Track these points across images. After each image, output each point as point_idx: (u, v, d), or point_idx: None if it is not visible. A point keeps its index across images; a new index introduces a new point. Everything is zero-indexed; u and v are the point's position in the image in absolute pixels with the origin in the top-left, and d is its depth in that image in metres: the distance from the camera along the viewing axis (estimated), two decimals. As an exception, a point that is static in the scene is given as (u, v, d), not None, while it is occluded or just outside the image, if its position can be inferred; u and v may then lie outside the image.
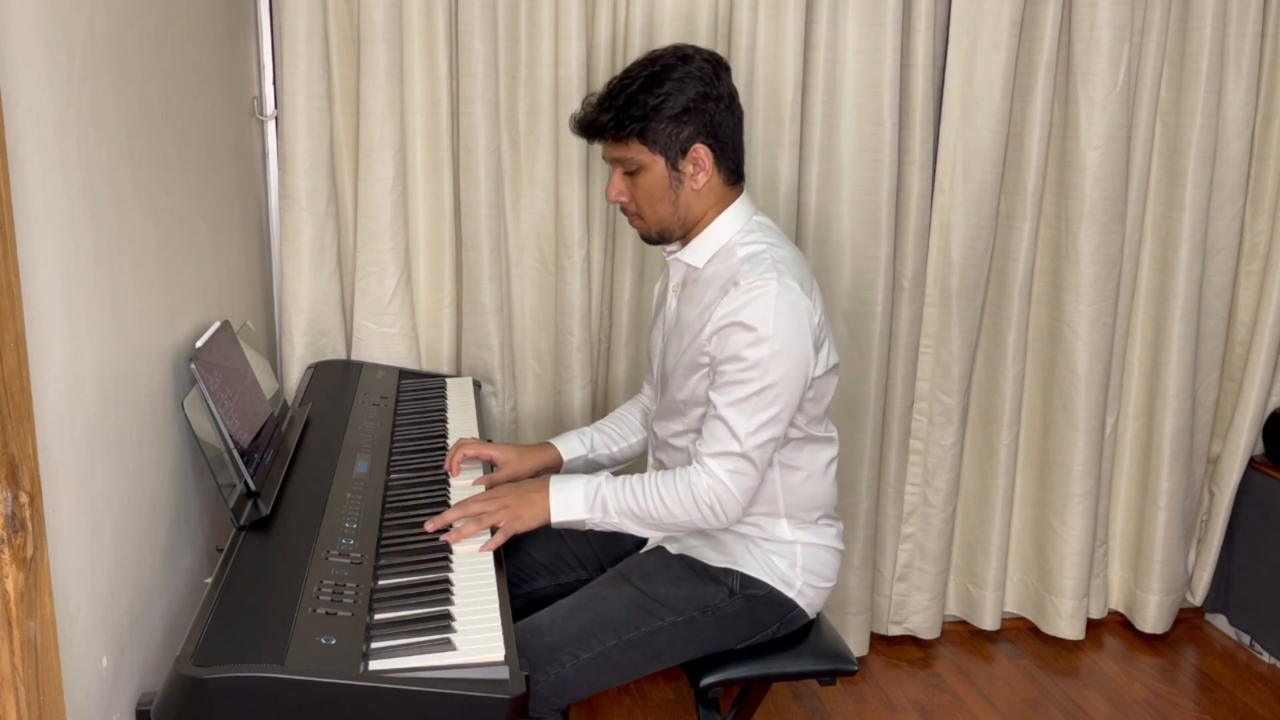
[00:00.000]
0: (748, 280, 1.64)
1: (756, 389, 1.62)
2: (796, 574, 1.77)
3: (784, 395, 1.64)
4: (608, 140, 1.73)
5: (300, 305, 2.27)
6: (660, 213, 1.74)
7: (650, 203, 1.73)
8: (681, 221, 1.74)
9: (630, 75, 1.70)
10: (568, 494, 1.69)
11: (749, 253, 1.69)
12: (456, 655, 1.26)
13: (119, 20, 1.40)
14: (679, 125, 1.67)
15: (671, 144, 1.68)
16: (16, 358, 1.00)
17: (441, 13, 2.21)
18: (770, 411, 1.64)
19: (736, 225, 1.73)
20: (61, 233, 1.18)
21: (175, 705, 1.17)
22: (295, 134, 2.20)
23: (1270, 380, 2.71)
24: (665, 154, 1.69)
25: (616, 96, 1.69)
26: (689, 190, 1.71)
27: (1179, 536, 2.76)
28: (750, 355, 1.62)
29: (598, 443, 1.97)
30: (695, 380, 1.72)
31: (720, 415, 1.65)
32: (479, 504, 1.64)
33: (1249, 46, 2.53)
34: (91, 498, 1.27)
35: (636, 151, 1.70)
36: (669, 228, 1.75)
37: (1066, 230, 2.55)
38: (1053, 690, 2.60)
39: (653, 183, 1.71)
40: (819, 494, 1.80)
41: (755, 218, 1.76)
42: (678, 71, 1.67)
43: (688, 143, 1.69)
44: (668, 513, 1.67)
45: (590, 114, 1.73)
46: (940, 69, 2.48)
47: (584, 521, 1.70)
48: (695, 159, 1.69)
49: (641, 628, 1.69)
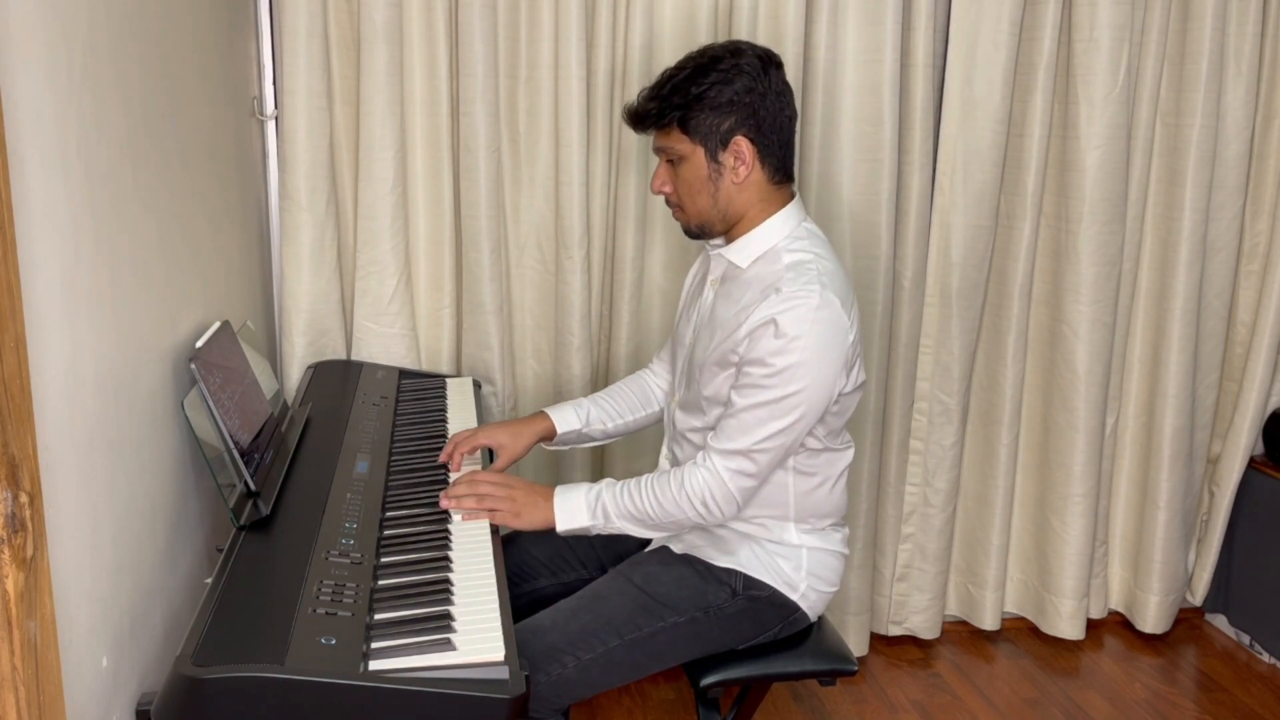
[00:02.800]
0: (790, 288, 1.62)
1: (776, 396, 1.62)
2: (801, 577, 1.77)
3: (802, 407, 1.63)
4: (651, 129, 1.73)
5: (300, 305, 2.27)
6: (700, 204, 1.73)
7: (690, 194, 1.73)
8: (722, 215, 1.73)
9: (680, 65, 1.71)
10: (571, 504, 1.72)
11: (795, 260, 1.67)
12: (456, 655, 1.26)
13: (119, 20, 1.40)
14: (721, 115, 1.66)
15: (712, 134, 1.67)
16: (16, 358, 1.00)
17: (441, 13, 2.21)
18: (786, 420, 1.63)
19: (785, 230, 1.72)
20: (61, 233, 1.18)
21: (175, 705, 1.17)
22: (295, 134, 2.20)
23: (1270, 380, 2.71)
24: (705, 144, 1.68)
25: (663, 85, 1.70)
26: (729, 183, 1.70)
27: (1179, 536, 2.76)
28: (776, 362, 1.61)
29: (593, 416, 1.98)
30: (722, 378, 1.71)
31: (737, 414, 1.64)
32: (489, 485, 1.68)
33: (1249, 46, 2.53)
34: (91, 498, 1.27)
35: (678, 140, 1.69)
36: (709, 221, 1.74)
37: (1066, 230, 2.55)
38: (1053, 690, 2.60)
39: (692, 173, 1.70)
40: (830, 501, 1.80)
41: (805, 224, 1.75)
42: (725, 63, 1.67)
43: (729, 134, 1.67)
44: (663, 511, 1.68)
45: (638, 102, 1.73)
46: (940, 69, 2.48)
47: (589, 529, 1.72)
48: (736, 151, 1.68)
49: (643, 628, 1.69)
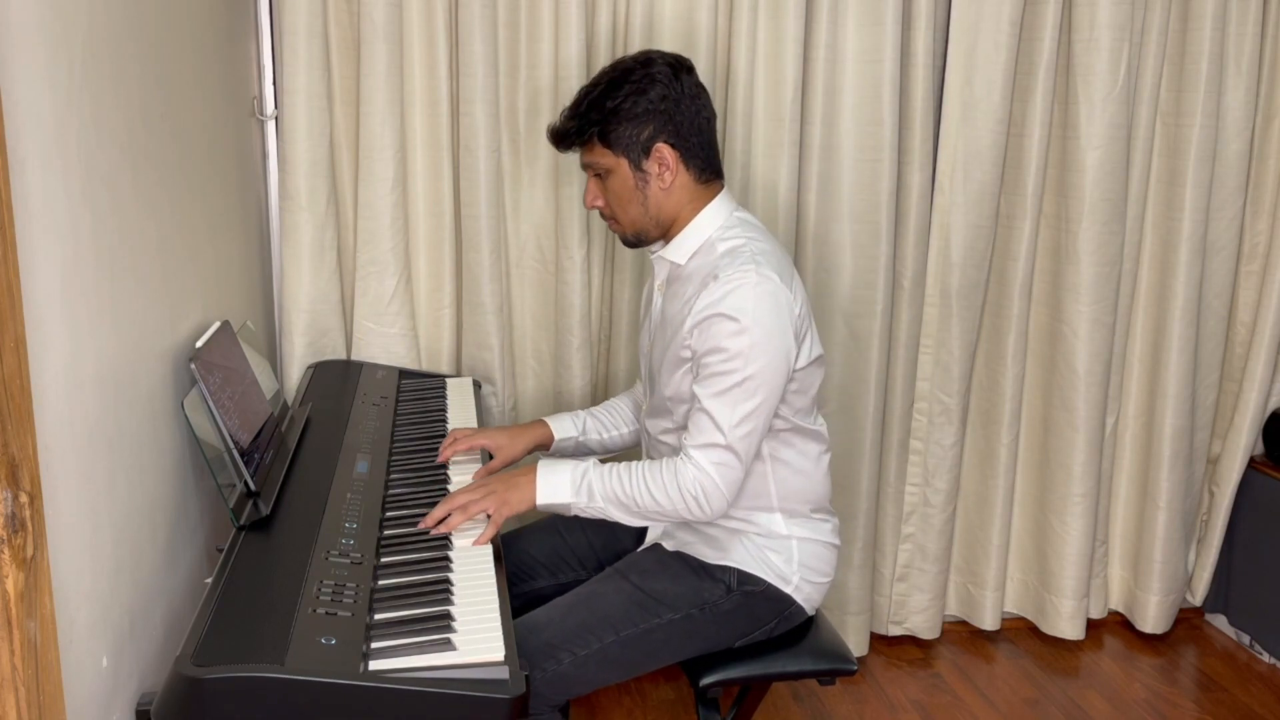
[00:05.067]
0: (726, 273, 1.65)
1: (739, 379, 1.63)
2: (793, 569, 1.78)
3: (765, 386, 1.65)
4: (575, 146, 1.77)
5: (300, 305, 2.27)
6: (632, 214, 1.77)
7: (621, 205, 1.77)
8: (655, 221, 1.77)
9: (594, 83, 1.76)
10: (554, 477, 1.69)
11: (729, 247, 1.71)
12: (456, 655, 1.26)
13: (119, 20, 1.40)
14: (639, 125, 1.71)
15: (633, 145, 1.72)
16: (16, 358, 1.00)
17: (441, 12, 2.21)
18: (753, 402, 1.64)
19: (717, 221, 1.75)
20: (61, 233, 1.18)
21: (175, 705, 1.17)
22: (295, 134, 2.20)
23: (1270, 380, 2.71)
24: (628, 155, 1.72)
25: (580, 103, 1.75)
26: (656, 190, 1.74)
27: (1179, 536, 2.76)
28: (731, 346, 1.63)
29: (590, 427, 1.99)
30: (679, 376, 1.73)
31: (704, 408, 1.65)
32: (465, 495, 1.65)
33: (1249, 46, 2.53)
34: (91, 498, 1.27)
35: (601, 155, 1.74)
36: (643, 229, 1.78)
37: (1066, 230, 2.55)
38: (1053, 690, 2.60)
39: (620, 184, 1.75)
40: (811, 487, 1.81)
41: (736, 213, 1.78)
42: (637, 74, 1.71)
43: (649, 143, 1.72)
44: (653, 501, 1.67)
45: (559, 123, 1.78)
46: (940, 69, 2.48)
47: (569, 506, 1.69)
48: (659, 158, 1.72)
49: (639, 624, 1.70)
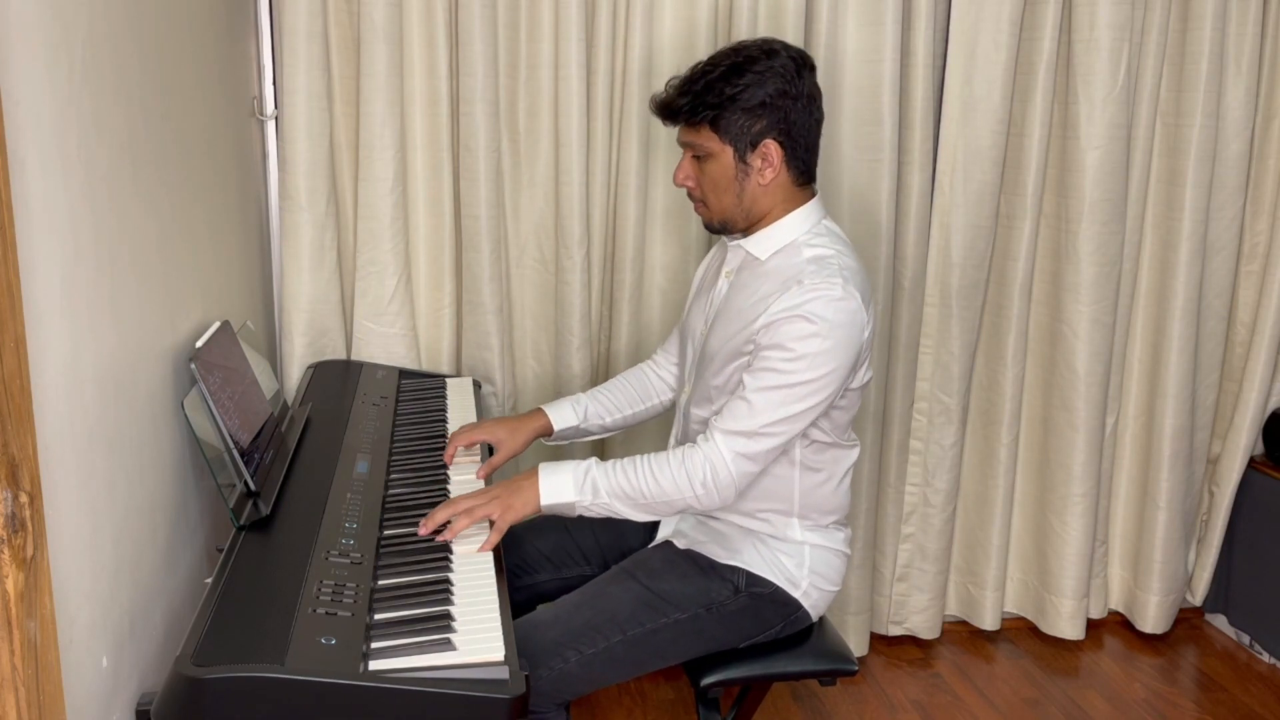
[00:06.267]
0: (813, 280, 1.63)
1: (794, 381, 1.61)
2: (803, 574, 1.77)
3: (816, 395, 1.63)
4: (681, 124, 1.73)
5: (300, 305, 2.27)
6: (725, 203, 1.74)
7: (715, 191, 1.73)
8: (745, 214, 1.74)
9: (713, 63, 1.70)
10: (557, 478, 1.67)
11: (816, 254, 1.68)
12: (456, 655, 1.26)
13: (119, 20, 1.40)
14: (753, 118, 1.67)
15: (743, 136, 1.68)
16: (16, 358, 1.00)
17: (441, 12, 2.21)
18: (799, 407, 1.63)
19: (805, 226, 1.73)
20: (61, 233, 1.18)
21: (175, 705, 1.17)
22: (295, 134, 2.20)
23: (1270, 380, 2.71)
24: (735, 145, 1.69)
25: (696, 81, 1.69)
26: (755, 184, 1.71)
27: (1179, 536, 2.76)
28: (799, 348, 1.61)
29: (591, 412, 1.98)
30: (733, 368, 1.71)
31: (747, 397, 1.63)
32: (468, 500, 1.62)
33: (1249, 46, 2.53)
34: (91, 498, 1.27)
35: (707, 139, 1.70)
36: (732, 218, 1.75)
37: (1066, 230, 2.55)
38: (1053, 690, 2.60)
39: (719, 172, 1.71)
40: (834, 499, 1.80)
41: (824, 221, 1.76)
42: (760, 65, 1.67)
43: (759, 137, 1.68)
44: (659, 490, 1.64)
45: (669, 96, 1.73)
46: (940, 69, 2.48)
47: (574, 505, 1.67)
48: (765, 154, 1.69)
49: (646, 624, 1.69)
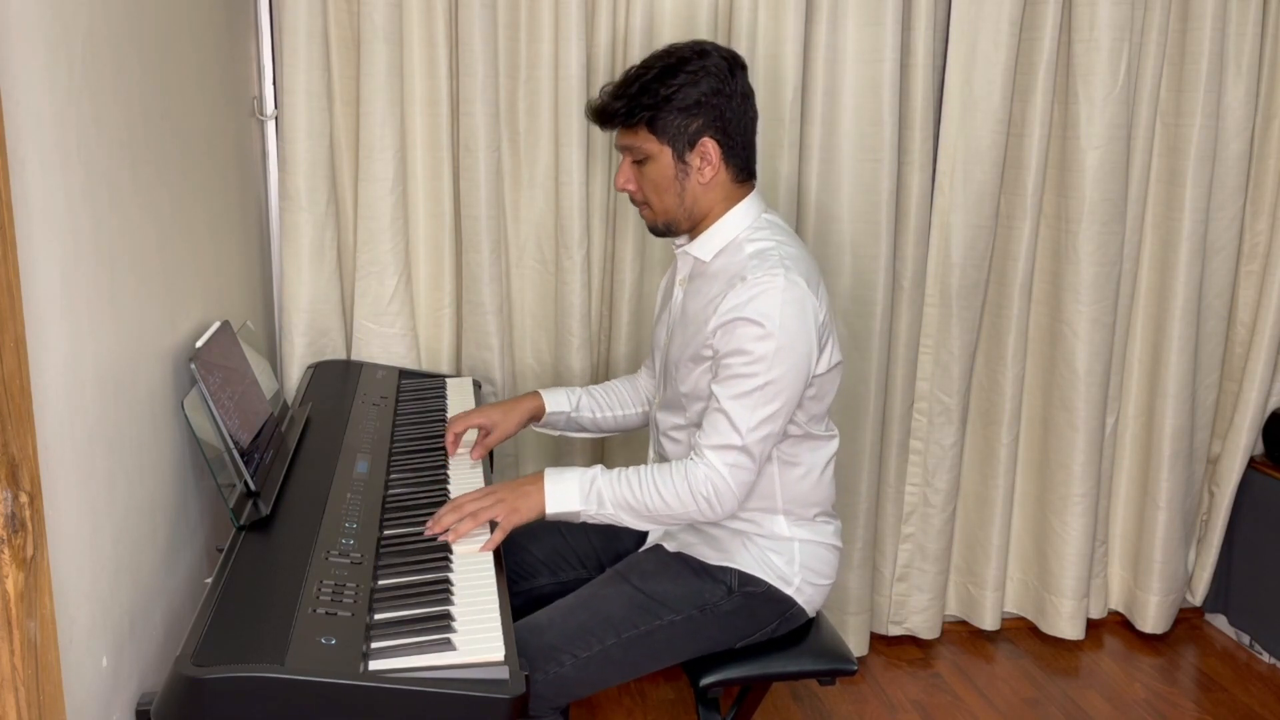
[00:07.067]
0: (754, 275, 1.64)
1: (760, 383, 1.63)
2: (794, 571, 1.78)
3: (785, 391, 1.64)
4: (619, 127, 1.74)
5: (300, 305, 2.27)
6: (666, 203, 1.75)
7: (657, 193, 1.75)
8: (688, 214, 1.75)
9: (646, 65, 1.72)
10: (562, 486, 1.67)
11: (757, 249, 1.70)
12: (456, 655, 1.26)
13: (119, 20, 1.40)
14: (688, 117, 1.68)
15: (680, 135, 1.69)
16: (16, 358, 1.00)
17: (441, 13, 2.21)
18: (772, 407, 1.64)
19: (745, 221, 1.75)
20: (61, 233, 1.18)
21: (175, 705, 1.17)
22: (295, 134, 2.20)
23: (1270, 380, 2.71)
24: (673, 145, 1.70)
25: (630, 84, 1.71)
26: (695, 183, 1.72)
27: (1179, 536, 2.76)
28: (755, 349, 1.62)
29: (583, 405, 1.99)
30: (698, 374, 1.72)
31: (722, 408, 1.65)
32: (473, 502, 1.63)
33: (1249, 46, 2.53)
34: (91, 498, 1.27)
35: (645, 140, 1.71)
36: (675, 219, 1.77)
37: (1066, 230, 2.55)
38: (1053, 690, 2.60)
39: (659, 173, 1.72)
40: (817, 491, 1.80)
41: (764, 215, 1.77)
42: (693, 65, 1.68)
43: (696, 136, 1.69)
44: (664, 504, 1.66)
45: (604, 101, 1.75)
46: (940, 69, 2.48)
47: (579, 514, 1.68)
48: (703, 153, 1.70)
49: (640, 626, 1.69)
